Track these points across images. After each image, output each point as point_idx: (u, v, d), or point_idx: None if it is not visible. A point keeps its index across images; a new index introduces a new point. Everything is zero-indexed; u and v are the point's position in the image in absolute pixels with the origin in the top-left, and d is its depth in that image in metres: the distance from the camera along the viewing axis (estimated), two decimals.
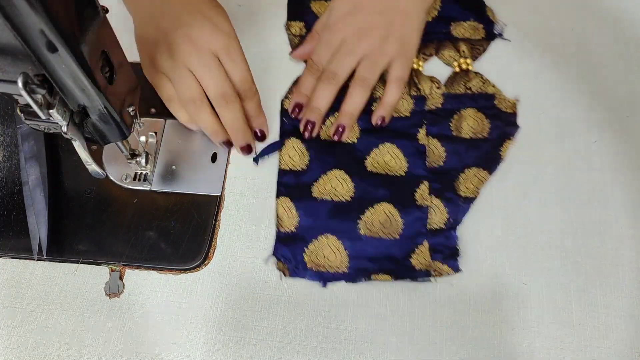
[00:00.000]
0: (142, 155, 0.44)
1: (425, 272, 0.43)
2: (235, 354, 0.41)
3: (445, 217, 0.45)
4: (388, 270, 0.43)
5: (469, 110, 0.49)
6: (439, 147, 0.48)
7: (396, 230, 0.45)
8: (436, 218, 0.45)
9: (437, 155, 0.48)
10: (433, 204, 0.46)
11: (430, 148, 0.48)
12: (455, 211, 0.45)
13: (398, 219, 0.45)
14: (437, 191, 0.46)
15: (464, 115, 0.49)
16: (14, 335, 0.42)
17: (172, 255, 0.44)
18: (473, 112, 0.49)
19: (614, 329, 0.42)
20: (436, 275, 0.43)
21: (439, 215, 0.45)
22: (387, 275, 0.43)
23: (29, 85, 0.29)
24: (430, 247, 0.44)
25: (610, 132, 0.49)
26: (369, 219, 0.45)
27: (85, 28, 0.30)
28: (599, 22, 0.55)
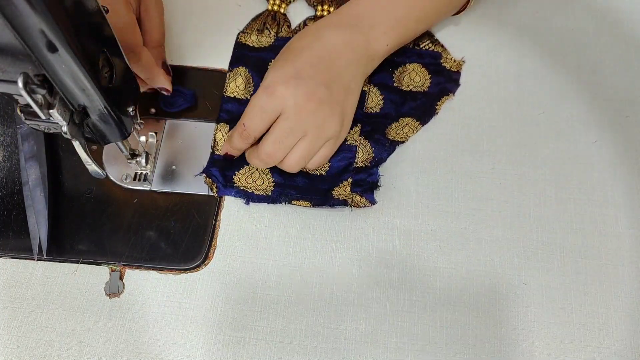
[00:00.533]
0: (142, 155, 0.44)
1: (343, 201, 0.45)
2: (235, 354, 0.41)
3: (371, 157, 0.47)
4: (308, 198, 0.45)
5: (414, 64, 0.51)
6: (378, 95, 0.50)
7: (323, 168, 0.47)
8: (363, 157, 0.47)
9: (375, 102, 0.49)
10: (361, 144, 0.47)
11: (369, 95, 0.50)
12: (381, 151, 0.47)
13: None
14: (367, 133, 0.48)
15: (408, 69, 0.51)
16: (14, 335, 0.42)
17: (172, 255, 0.44)
18: (417, 67, 0.51)
19: (614, 329, 0.42)
20: (353, 205, 0.45)
21: (365, 154, 0.47)
22: (307, 202, 0.45)
23: (29, 86, 0.29)
24: (353, 182, 0.46)
25: (610, 132, 0.49)
26: None
27: (85, 28, 0.30)
28: (599, 22, 0.55)
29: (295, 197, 0.45)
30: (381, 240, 0.45)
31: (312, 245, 0.45)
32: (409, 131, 0.48)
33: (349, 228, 0.45)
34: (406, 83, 0.51)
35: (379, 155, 0.47)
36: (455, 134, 0.49)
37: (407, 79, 0.51)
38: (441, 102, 0.50)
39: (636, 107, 0.50)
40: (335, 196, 0.45)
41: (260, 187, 0.46)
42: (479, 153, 0.48)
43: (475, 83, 0.52)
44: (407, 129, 0.48)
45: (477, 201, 0.46)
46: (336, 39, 0.45)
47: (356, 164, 0.47)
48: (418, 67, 0.51)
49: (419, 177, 0.47)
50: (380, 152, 0.47)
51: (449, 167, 0.48)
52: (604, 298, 0.43)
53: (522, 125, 0.49)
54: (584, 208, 0.46)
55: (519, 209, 0.46)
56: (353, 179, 0.46)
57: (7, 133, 0.48)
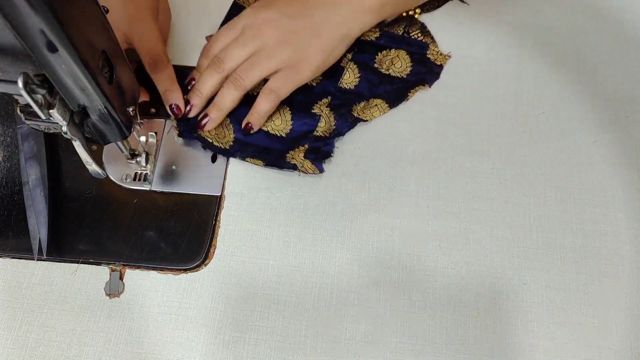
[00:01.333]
0: (142, 155, 0.44)
1: (292, 165, 0.46)
2: (235, 354, 0.41)
3: (332, 128, 0.48)
4: (262, 157, 0.46)
5: (399, 51, 0.52)
6: (356, 73, 0.50)
7: (284, 129, 0.48)
8: (324, 127, 0.48)
9: (352, 79, 0.50)
10: (325, 115, 0.48)
11: (347, 71, 0.51)
12: (342, 125, 0.48)
13: (288, 120, 0.48)
14: (334, 106, 0.49)
15: (392, 54, 0.52)
16: (14, 335, 0.42)
17: (172, 255, 0.44)
18: (402, 53, 0.52)
19: (614, 329, 0.42)
20: (302, 170, 0.46)
21: (327, 125, 0.48)
22: (260, 161, 0.46)
23: (29, 86, 0.29)
24: (309, 149, 0.47)
25: (610, 132, 0.49)
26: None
27: (85, 28, 0.30)
28: (599, 22, 0.55)
29: (251, 154, 0.47)
30: (381, 241, 0.45)
31: (312, 245, 0.45)
32: (375, 112, 0.49)
33: (349, 228, 0.45)
34: (386, 66, 0.51)
35: (340, 129, 0.48)
36: (455, 134, 0.49)
37: (388, 63, 0.51)
38: (414, 90, 0.50)
39: (636, 107, 0.50)
40: (288, 159, 0.47)
41: (222, 140, 0.47)
42: (479, 153, 0.48)
43: (475, 83, 0.52)
44: (374, 110, 0.49)
45: (477, 201, 0.46)
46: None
47: (316, 132, 0.48)
48: (403, 54, 0.52)
49: (419, 177, 0.47)
50: (342, 126, 0.48)
51: (449, 167, 0.48)
52: (604, 298, 0.43)
53: (522, 125, 0.49)
54: (584, 208, 0.46)
55: (519, 209, 0.46)
56: (310, 145, 0.47)
57: (7, 133, 0.48)
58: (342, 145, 0.49)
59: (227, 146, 0.47)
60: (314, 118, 0.48)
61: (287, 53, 0.46)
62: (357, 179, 0.47)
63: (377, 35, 0.52)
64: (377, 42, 0.52)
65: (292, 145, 0.47)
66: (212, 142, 0.46)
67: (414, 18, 0.54)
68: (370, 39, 0.52)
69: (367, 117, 0.49)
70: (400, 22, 0.53)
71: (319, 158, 0.47)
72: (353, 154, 0.48)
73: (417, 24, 0.53)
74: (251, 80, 0.46)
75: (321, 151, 0.47)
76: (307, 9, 0.47)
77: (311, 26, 0.47)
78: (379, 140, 0.49)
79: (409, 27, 0.53)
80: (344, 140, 0.49)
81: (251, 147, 0.47)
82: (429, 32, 0.53)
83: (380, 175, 0.47)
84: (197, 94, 0.47)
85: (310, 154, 0.47)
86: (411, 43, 0.53)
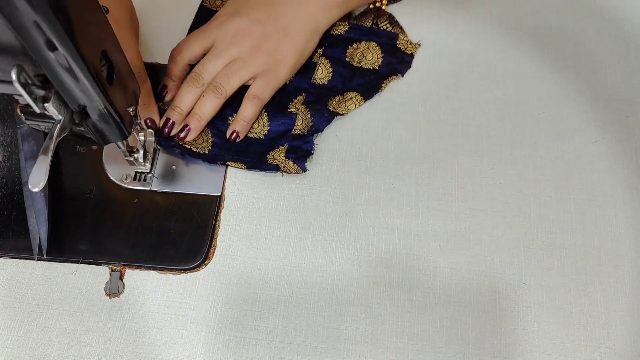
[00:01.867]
0: (140, 152, 0.44)
1: (275, 166, 0.46)
2: (235, 354, 0.41)
3: (309, 125, 0.48)
4: (243, 160, 0.47)
5: (369, 42, 0.52)
6: (328, 68, 0.51)
7: (262, 132, 0.48)
8: (301, 125, 0.48)
9: (324, 74, 0.51)
10: (301, 112, 0.48)
11: (320, 66, 0.51)
12: (319, 121, 0.48)
13: (265, 122, 0.48)
14: (309, 102, 0.49)
15: (362, 46, 0.52)
16: (14, 335, 0.42)
17: (172, 255, 0.44)
18: (372, 45, 0.52)
19: (614, 329, 0.42)
20: (285, 171, 0.46)
21: (304, 123, 0.48)
22: (241, 164, 0.46)
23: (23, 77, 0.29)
24: (288, 148, 0.47)
25: (610, 132, 0.49)
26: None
27: (85, 28, 0.30)
28: (599, 22, 0.55)
29: (230, 158, 0.46)
30: (381, 240, 0.45)
31: (312, 245, 0.45)
32: (351, 105, 0.49)
33: (349, 228, 0.45)
34: (357, 59, 0.52)
35: (317, 125, 0.48)
36: (455, 134, 0.49)
37: (360, 56, 0.52)
38: (387, 81, 0.51)
39: (636, 107, 0.50)
40: (269, 160, 0.47)
41: (199, 146, 0.47)
42: (479, 153, 0.48)
43: (475, 83, 0.52)
44: (349, 103, 0.49)
45: (477, 201, 0.46)
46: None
47: (294, 131, 0.48)
48: (373, 45, 0.52)
49: (419, 177, 0.47)
50: (319, 122, 0.48)
51: (449, 167, 0.48)
52: (604, 298, 0.43)
53: (522, 125, 0.49)
54: (584, 208, 0.46)
55: (519, 209, 0.46)
56: (289, 144, 0.47)
57: (7, 133, 0.48)
58: (342, 146, 0.49)
59: (205, 151, 0.47)
60: (290, 117, 0.49)
61: (262, 58, 0.47)
62: (357, 179, 0.47)
63: (347, 29, 0.53)
64: (347, 36, 0.53)
65: (271, 146, 0.48)
66: (190, 147, 0.46)
67: (381, 9, 0.54)
68: (340, 33, 0.53)
69: (343, 111, 0.49)
70: (368, 14, 0.54)
71: (300, 157, 0.47)
72: (353, 154, 0.48)
73: (385, 15, 0.54)
74: (231, 88, 0.47)
75: (301, 149, 0.47)
76: (275, 12, 0.48)
77: (281, 28, 0.48)
78: (379, 140, 0.49)
79: (377, 19, 0.54)
80: (344, 141, 0.49)
81: (230, 151, 0.47)
82: (397, 22, 0.54)
83: (380, 175, 0.47)
84: (177, 111, 0.47)
85: (290, 154, 0.47)
86: (380, 34, 0.53)
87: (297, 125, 0.48)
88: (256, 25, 0.47)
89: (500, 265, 0.44)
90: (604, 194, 0.47)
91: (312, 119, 0.48)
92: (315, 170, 0.48)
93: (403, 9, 0.55)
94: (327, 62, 0.51)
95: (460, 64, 0.52)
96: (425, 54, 0.53)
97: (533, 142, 0.49)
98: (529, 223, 0.45)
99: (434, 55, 0.53)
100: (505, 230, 0.45)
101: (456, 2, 0.56)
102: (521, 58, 0.53)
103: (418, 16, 0.55)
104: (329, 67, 0.51)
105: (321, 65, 0.51)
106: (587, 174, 0.47)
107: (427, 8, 0.55)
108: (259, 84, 0.47)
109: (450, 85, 0.51)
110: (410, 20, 0.55)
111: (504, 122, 0.50)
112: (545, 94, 0.51)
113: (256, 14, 0.48)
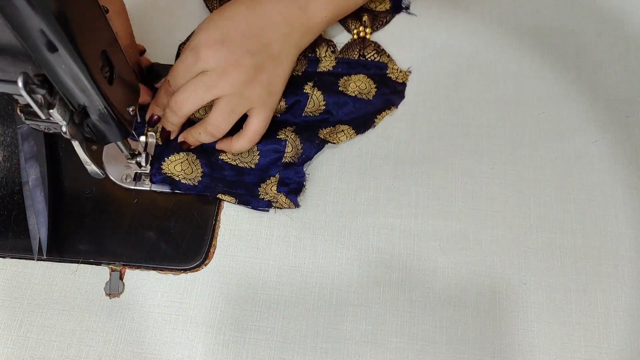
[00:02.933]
0: (142, 155, 0.44)
1: (267, 202, 0.45)
2: (235, 354, 0.41)
3: (299, 153, 0.47)
4: (235, 193, 0.45)
5: (359, 75, 0.51)
6: (321, 100, 0.49)
7: (252, 161, 0.47)
8: (291, 152, 0.47)
9: (317, 107, 0.49)
10: (291, 139, 0.47)
11: (312, 99, 0.49)
12: (309, 149, 0.47)
13: (255, 151, 0.47)
14: (300, 130, 0.48)
15: (353, 79, 0.51)
16: (14, 335, 0.42)
17: (172, 255, 0.44)
18: (363, 77, 0.51)
19: (614, 329, 0.42)
20: (277, 206, 0.45)
21: (294, 150, 0.47)
22: (232, 198, 0.45)
23: (29, 85, 0.29)
24: (280, 180, 0.46)
25: (610, 132, 0.49)
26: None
27: (85, 28, 0.30)
28: (599, 22, 0.55)
29: (221, 190, 0.45)
30: (381, 240, 0.45)
31: (312, 245, 0.45)
32: (342, 137, 0.48)
33: (349, 228, 0.45)
34: (352, 89, 0.50)
35: (307, 153, 0.47)
36: (455, 134, 0.49)
37: (353, 86, 0.50)
38: (381, 116, 0.49)
39: (636, 107, 0.50)
40: (261, 195, 0.45)
41: (189, 176, 0.46)
42: (479, 153, 0.48)
43: (475, 83, 0.52)
44: (341, 135, 0.48)
45: (477, 201, 0.46)
46: (272, 11, 0.45)
47: (284, 159, 0.47)
48: (363, 78, 0.51)
49: (419, 177, 0.47)
50: (309, 150, 0.47)
51: (449, 167, 0.48)
52: (604, 298, 0.43)
53: (522, 125, 0.49)
54: (584, 208, 0.46)
55: (519, 209, 0.46)
56: (280, 175, 0.46)
57: (7, 133, 0.48)
58: (342, 146, 0.49)
59: (195, 182, 0.45)
60: (279, 143, 0.47)
61: (257, 92, 0.45)
62: (357, 179, 0.47)
63: (334, 64, 0.51)
64: (335, 71, 0.51)
65: (262, 177, 0.46)
66: (179, 179, 0.45)
67: (366, 39, 0.53)
68: (328, 69, 0.51)
69: (335, 141, 0.48)
70: (353, 46, 0.52)
71: (293, 191, 0.45)
72: (353, 154, 0.48)
73: (371, 45, 0.52)
74: (229, 127, 0.45)
75: (293, 181, 0.46)
76: (265, 40, 0.45)
77: (272, 57, 0.45)
78: (379, 140, 0.49)
79: (363, 50, 0.52)
80: (343, 141, 0.49)
81: (220, 182, 0.46)
82: (384, 50, 0.52)
83: (380, 175, 0.47)
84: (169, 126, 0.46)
85: (282, 187, 0.45)
86: (369, 66, 0.52)
87: (287, 153, 0.46)
88: (248, 57, 0.44)
89: (500, 265, 0.44)
90: (604, 194, 0.47)
91: (302, 145, 0.47)
92: (315, 171, 0.48)
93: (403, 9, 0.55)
94: (319, 94, 0.49)
95: (460, 64, 0.52)
96: (425, 54, 0.53)
97: (533, 142, 0.49)
98: (529, 223, 0.45)
99: (434, 55, 0.53)
100: (505, 230, 0.45)
101: (456, 2, 0.56)
102: (521, 58, 0.53)
103: (418, 16, 0.55)
104: (322, 99, 0.49)
105: (313, 97, 0.49)
106: (587, 174, 0.47)
107: (427, 8, 0.55)
108: (259, 121, 0.45)
109: (450, 85, 0.51)
110: (410, 20, 0.55)
111: (504, 122, 0.50)
112: (545, 94, 0.51)
113: (247, 44, 0.44)
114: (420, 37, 0.54)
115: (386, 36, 0.54)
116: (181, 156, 0.46)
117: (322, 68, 0.51)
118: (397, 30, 0.54)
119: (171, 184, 0.45)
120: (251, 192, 0.46)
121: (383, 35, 0.54)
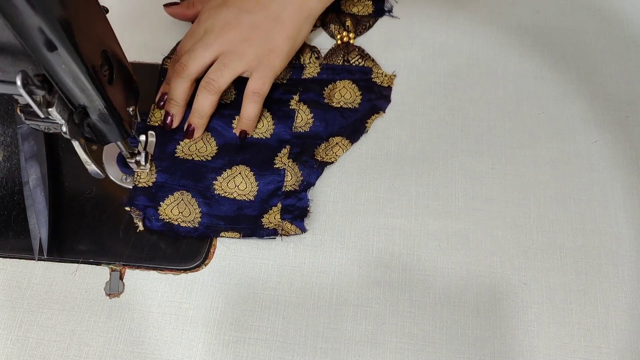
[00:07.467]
0: (142, 154, 0.44)
1: (272, 230, 0.44)
2: (235, 354, 0.41)
3: (300, 180, 0.46)
4: (238, 228, 0.44)
5: (344, 81, 0.51)
6: (308, 114, 0.49)
7: (251, 193, 0.46)
8: (291, 181, 0.46)
9: (305, 120, 0.49)
10: (289, 167, 0.46)
11: (299, 113, 0.49)
12: (309, 174, 0.46)
13: (253, 182, 0.46)
14: (295, 155, 0.47)
15: (338, 86, 0.50)
16: (14, 335, 0.42)
17: (172, 255, 0.44)
18: (348, 84, 0.51)
19: (614, 329, 0.42)
20: (283, 234, 0.44)
21: (294, 178, 0.46)
22: (236, 233, 0.44)
23: (28, 87, 0.29)
24: (283, 208, 0.45)
25: (610, 132, 0.49)
26: (225, 180, 0.46)
27: (85, 28, 0.30)
28: (599, 22, 0.55)
29: (223, 228, 0.44)
30: (381, 240, 0.45)
31: (312, 245, 0.45)
32: (338, 150, 0.48)
33: (349, 228, 0.45)
34: (337, 100, 0.50)
35: (308, 179, 0.46)
36: (454, 134, 0.49)
37: (338, 96, 0.50)
38: (371, 120, 0.49)
39: (636, 107, 0.50)
40: (265, 225, 0.44)
41: (187, 219, 0.44)
42: (479, 153, 0.48)
43: (475, 83, 0.52)
44: (337, 149, 0.48)
45: (477, 201, 0.46)
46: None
47: (285, 188, 0.46)
48: (348, 84, 0.50)
49: (419, 177, 0.47)
50: (309, 175, 0.46)
51: (449, 167, 0.48)
52: (604, 298, 0.43)
53: (522, 125, 0.49)
54: (584, 208, 0.46)
55: (519, 209, 0.46)
56: (282, 204, 0.45)
57: (7, 133, 0.48)
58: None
59: (195, 224, 0.44)
60: (278, 174, 0.46)
61: (254, 49, 0.46)
62: (357, 179, 0.47)
63: (319, 70, 0.51)
64: (320, 77, 0.51)
65: (264, 208, 0.45)
66: (178, 224, 0.44)
67: (350, 44, 0.53)
68: (313, 76, 0.51)
69: (332, 159, 0.47)
70: (337, 52, 0.52)
71: (297, 217, 0.45)
72: (353, 154, 0.48)
73: (355, 50, 0.52)
74: (225, 82, 0.46)
75: (296, 208, 0.45)
76: (264, 0, 0.47)
77: (271, 16, 0.46)
78: (379, 140, 0.49)
79: (347, 55, 0.52)
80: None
81: (222, 220, 0.44)
82: (368, 55, 0.52)
83: (380, 175, 0.47)
84: (173, 104, 0.47)
85: (286, 214, 0.44)
86: (353, 71, 0.51)
87: (287, 182, 0.46)
88: (245, 15, 0.46)
89: (500, 265, 0.44)
90: (604, 194, 0.47)
91: (302, 172, 0.46)
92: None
93: (403, 10, 0.55)
94: (305, 108, 0.49)
95: (459, 64, 0.52)
96: (425, 54, 0.53)
97: (533, 142, 0.49)
98: (529, 223, 0.45)
99: (434, 55, 0.53)
100: (505, 231, 0.45)
101: (456, 2, 0.56)
102: (521, 58, 0.53)
103: (418, 16, 0.55)
104: (308, 112, 0.49)
105: (300, 111, 0.49)
106: (587, 174, 0.47)
107: (427, 8, 0.55)
108: (256, 79, 0.46)
109: (450, 85, 0.51)
110: (410, 20, 0.55)
111: (504, 122, 0.50)
112: (545, 94, 0.51)
113: (244, 4, 0.47)
114: (420, 37, 0.54)
115: (386, 37, 0.54)
116: (176, 197, 0.45)
117: (306, 75, 0.51)
118: (396, 31, 0.54)
119: (170, 231, 0.44)
120: (254, 223, 0.45)
121: (378, 38, 0.54)
